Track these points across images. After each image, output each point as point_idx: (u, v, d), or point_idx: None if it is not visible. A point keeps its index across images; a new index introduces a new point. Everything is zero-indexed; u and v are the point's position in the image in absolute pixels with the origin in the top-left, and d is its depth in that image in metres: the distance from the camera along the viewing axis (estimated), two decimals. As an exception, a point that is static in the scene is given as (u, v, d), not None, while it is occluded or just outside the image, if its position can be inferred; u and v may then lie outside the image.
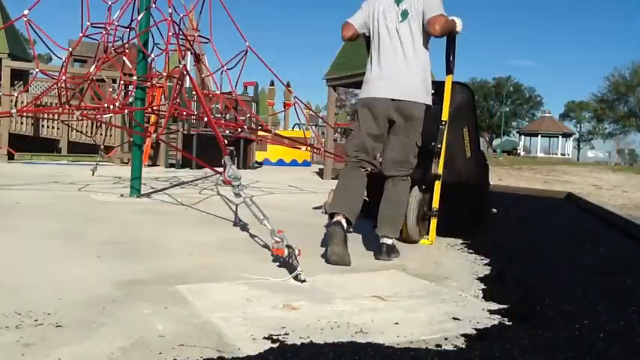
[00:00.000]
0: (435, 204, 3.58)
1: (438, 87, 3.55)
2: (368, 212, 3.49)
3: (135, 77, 5.45)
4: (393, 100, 3.12)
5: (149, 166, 10.69)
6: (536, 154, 50.42)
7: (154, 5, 5.47)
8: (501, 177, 12.21)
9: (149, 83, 6.06)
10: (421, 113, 3.16)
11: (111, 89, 9.73)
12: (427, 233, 3.64)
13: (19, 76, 13.18)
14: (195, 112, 8.40)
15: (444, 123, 3.52)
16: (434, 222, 3.62)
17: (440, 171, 3.53)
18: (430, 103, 3.22)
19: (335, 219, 2.98)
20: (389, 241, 3.14)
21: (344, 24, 3.32)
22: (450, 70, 3.57)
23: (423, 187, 3.58)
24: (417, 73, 3.14)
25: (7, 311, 1.89)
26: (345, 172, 3.25)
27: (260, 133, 10.05)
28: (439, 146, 3.51)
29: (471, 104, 3.84)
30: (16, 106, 9.45)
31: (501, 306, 2.22)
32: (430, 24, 3.06)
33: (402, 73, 3.14)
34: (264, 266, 2.80)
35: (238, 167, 10.95)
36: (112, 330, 1.77)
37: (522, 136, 55.93)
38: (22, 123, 11.01)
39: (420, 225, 3.58)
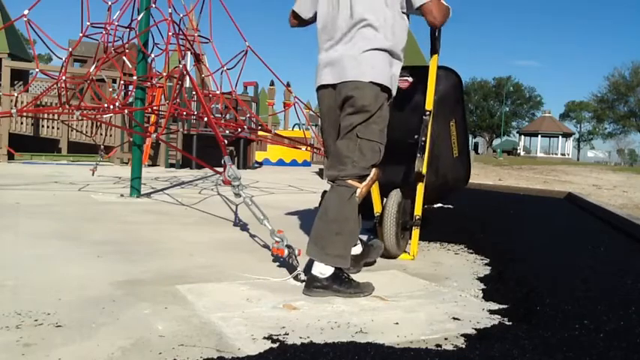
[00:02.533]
0: (418, 211, 3.04)
1: (413, 72, 3.07)
2: (363, 213, 3.42)
3: (135, 77, 5.45)
4: (334, 87, 2.44)
5: (149, 166, 10.69)
6: (536, 154, 50.43)
7: (154, 5, 5.47)
8: (501, 177, 12.21)
9: (149, 83, 6.07)
10: (365, 93, 2.33)
11: (111, 89, 9.74)
12: (409, 242, 3.16)
13: (19, 76, 13.20)
14: (195, 112, 8.40)
15: (427, 113, 2.91)
16: (416, 232, 3.09)
17: (424, 170, 2.92)
18: (390, 84, 2.40)
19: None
20: (316, 269, 2.34)
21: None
22: (434, 49, 2.90)
23: (403, 191, 3.04)
24: (360, 42, 2.36)
25: (7, 311, 1.89)
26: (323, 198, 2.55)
27: (260, 133, 10.04)
28: (423, 139, 2.88)
29: (457, 92, 3.23)
30: (16, 106, 9.46)
31: (501, 306, 2.22)
32: (426, 13, 2.45)
33: (338, 49, 2.41)
34: (264, 266, 2.80)
35: (238, 167, 10.95)
36: (112, 330, 1.77)
37: (522, 136, 55.94)
38: (22, 123, 11.02)
39: (399, 238, 3.03)
